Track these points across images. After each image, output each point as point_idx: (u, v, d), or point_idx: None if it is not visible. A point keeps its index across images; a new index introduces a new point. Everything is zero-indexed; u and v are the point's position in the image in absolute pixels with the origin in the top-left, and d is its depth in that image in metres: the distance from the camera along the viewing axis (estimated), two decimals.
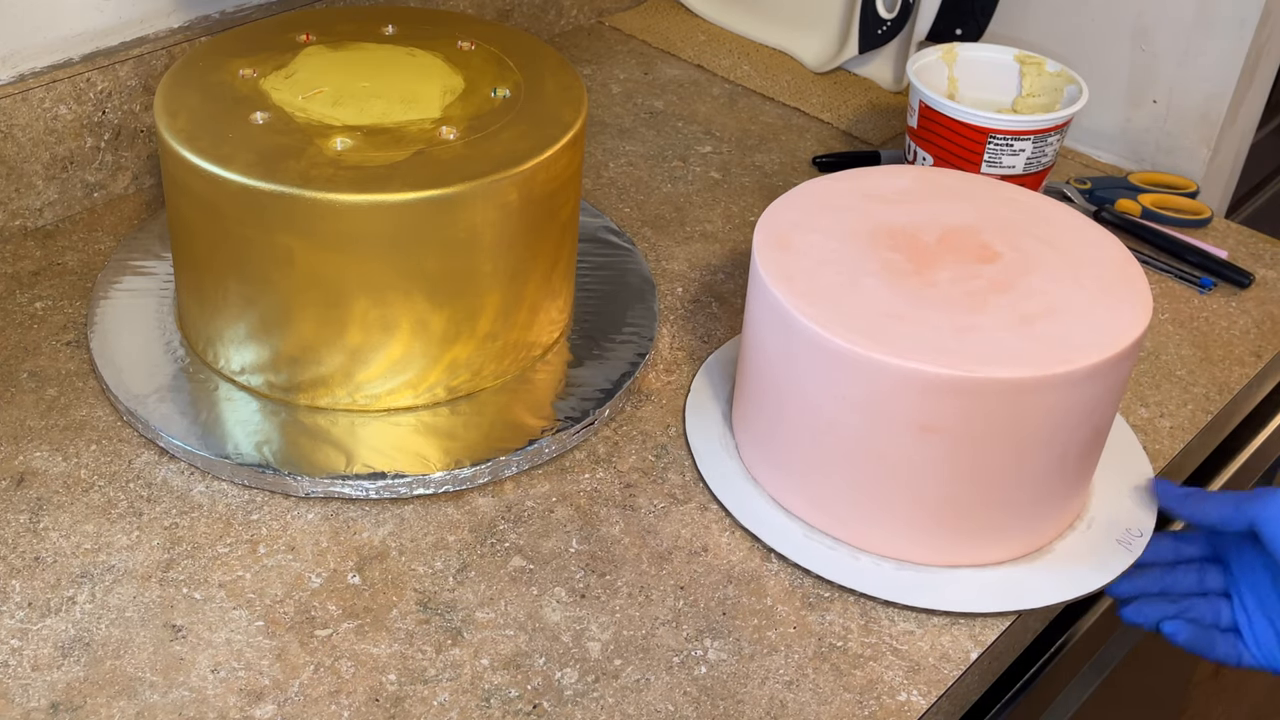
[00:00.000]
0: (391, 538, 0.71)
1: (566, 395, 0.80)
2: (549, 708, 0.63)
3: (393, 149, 0.73)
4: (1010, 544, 0.71)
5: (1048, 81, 1.01)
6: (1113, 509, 0.75)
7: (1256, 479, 1.06)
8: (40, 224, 0.93)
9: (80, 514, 0.71)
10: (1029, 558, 0.72)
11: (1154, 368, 0.88)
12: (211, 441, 0.74)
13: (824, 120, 1.15)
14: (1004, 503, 0.69)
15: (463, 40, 0.85)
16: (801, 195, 0.77)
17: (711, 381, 0.83)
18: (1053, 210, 0.77)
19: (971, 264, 0.72)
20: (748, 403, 0.75)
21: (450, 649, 0.66)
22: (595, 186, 1.03)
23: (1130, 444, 0.79)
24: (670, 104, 1.16)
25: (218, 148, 0.72)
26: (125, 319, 0.83)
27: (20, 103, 0.88)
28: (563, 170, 0.77)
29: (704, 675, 0.65)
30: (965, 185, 0.79)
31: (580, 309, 0.87)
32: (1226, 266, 0.97)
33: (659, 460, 0.78)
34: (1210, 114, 1.06)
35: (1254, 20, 1.01)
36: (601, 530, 0.73)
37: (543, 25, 1.24)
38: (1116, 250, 0.74)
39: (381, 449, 0.75)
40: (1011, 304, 0.69)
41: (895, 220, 0.75)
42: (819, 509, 0.72)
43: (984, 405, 0.65)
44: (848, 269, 0.71)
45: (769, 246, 0.72)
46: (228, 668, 0.64)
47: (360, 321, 0.74)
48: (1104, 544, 0.73)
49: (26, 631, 0.65)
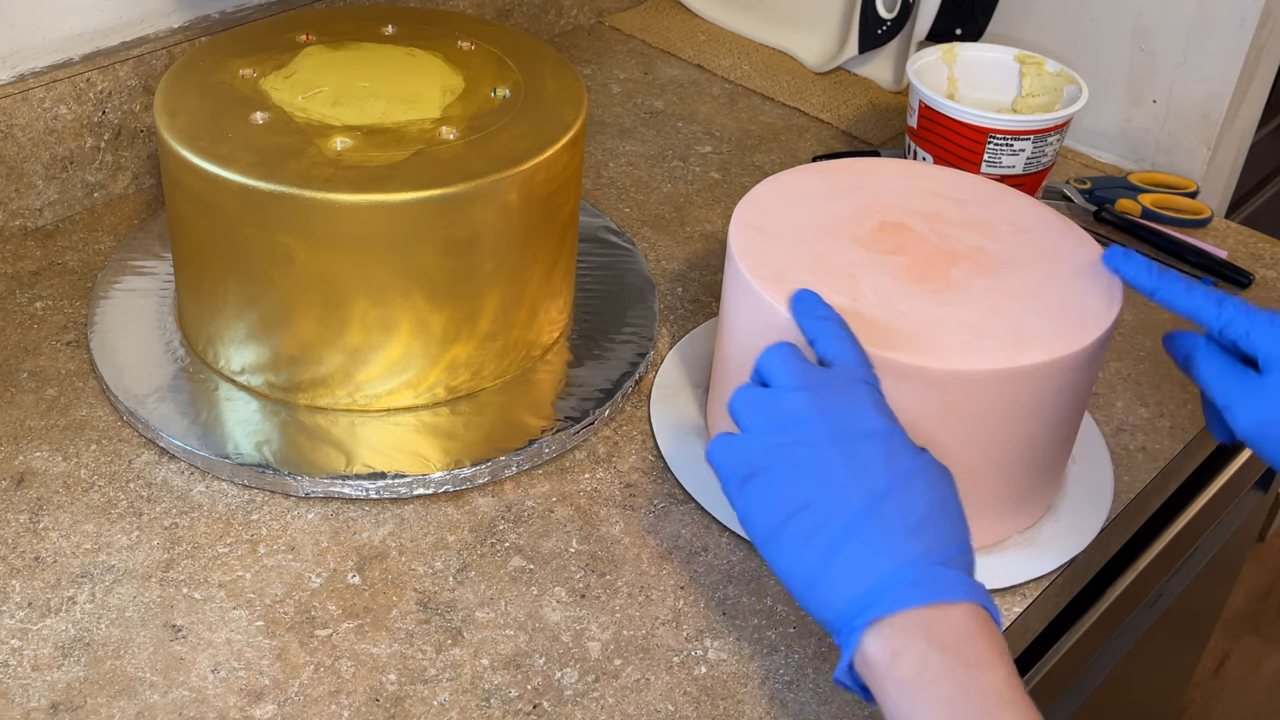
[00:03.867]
0: (391, 538, 0.71)
1: (566, 395, 0.80)
2: (549, 708, 0.63)
3: (393, 149, 0.73)
4: (990, 530, 0.72)
5: (1048, 81, 1.01)
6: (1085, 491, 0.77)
7: (1256, 479, 1.06)
8: (40, 224, 0.93)
9: (80, 514, 0.71)
10: (1013, 540, 0.73)
11: (1154, 368, 0.88)
12: (211, 441, 0.74)
13: (824, 120, 1.15)
14: (977, 494, 0.70)
15: (463, 40, 0.85)
16: (778, 183, 0.78)
17: (670, 380, 0.83)
18: (1026, 206, 0.77)
19: (948, 256, 0.72)
20: (723, 398, 0.75)
21: (450, 649, 0.66)
22: (595, 186, 1.03)
23: (1092, 433, 0.82)
24: (670, 104, 1.16)
25: (218, 148, 0.72)
26: (125, 319, 0.83)
27: (20, 103, 0.88)
28: (563, 170, 0.77)
29: (704, 675, 0.65)
30: (950, 181, 0.79)
31: (580, 309, 0.87)
32: (1226, 266, 0.97)
33: (659, 460, 0.78)
34: (1210, 114, 1.06)
35: (1254, 20, 1.01)
36: (601, 530, 0.73)
37: (543, 25, 1.24)
38: (1089, 245, 0.75)
39: (381, 449, 0.75)
40: (984, 293, 0.69)
41: (870, 210, 0.76)
42: None
43: (946, 396, 0.65)
44: (822, 257, 0.71)
45: (744, 230, 0.73)
46: (228, 668, 0.64)
47: (360, 321, 0.74)
48: (1083, 521, 0.75)
49: (26, 631, 0.65)
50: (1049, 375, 0.66)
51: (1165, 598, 1.00)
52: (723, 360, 0.75)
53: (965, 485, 0.69)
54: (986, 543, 0.72)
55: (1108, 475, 0.78)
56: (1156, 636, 1.03)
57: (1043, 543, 0.73)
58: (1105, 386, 0.86)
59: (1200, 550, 1.03)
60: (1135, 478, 0.80)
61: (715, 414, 0.77)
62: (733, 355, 0.73)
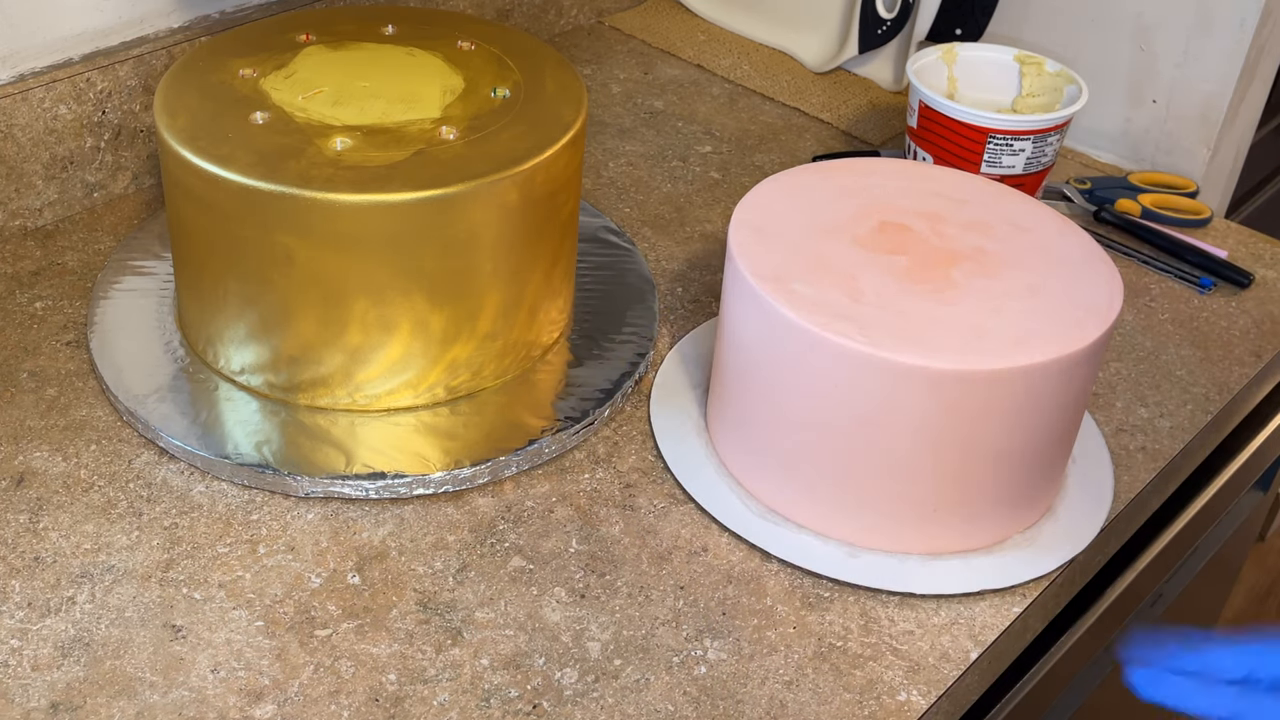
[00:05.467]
0: (391, 538, 0.71)
1: (566, 395, 0.80)
2: (549, 708, 0.63)
3: (393, 149, 0.73)
4: (990, 530, 0.72)
5: (1048, 81, 1.01)
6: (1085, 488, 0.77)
7: (1256, 479, 1.06)
8: (40, 224, 0.93)
9: (80, 514, 0.71)
10: (1013, 540, 0.73)
11: (1154, 368, 0.88)
12: (211, 441, 0.74)
13: (824, 120, 1.15)
14: (977, 494, 0.70)
15: (463, 40, 0.85)
16: (778, 183, 0.78)
17: (670, 380, 0.83)
18: (1026, 206, 0.78)
19: (948, 256, 0.72)
20: (723, 399, 0.75)
21: (450, 649, 0.66)
22: (595, 186, 1.03)
23: (1092, 433, 0.82)
24: (670, 104, 1.16)
25: (218, 148, 0.72)
26: (125, 319, 0.83)
27: (20, 103, 0.88)
28: (563, 170, 0.77)
29: (704, 675, 0.65)
30: (950, 181, 0.80)
31: (580, 309, 0.87)
32: (1226, 266, 0.97)
33: (659, 460, 0.78)
34: (1210, 114, 1.06)
35: (1254, 20, 1.01)
36: (601, 530, 0.73)
37: (543, 25, 1.24)
38: (1089, 245, 0.75)
39: (381, 449, 0.75)
40: (984, 293, 0.69)
41: (870, 210, 0.76)
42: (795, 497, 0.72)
43: (946, 396, 0.65)
44: (822, 257, 0.71)
45: (744, 230, 0.73)
46: (228, 668, 0.64)
47: (360, 321, 0.74)
48: (1082, 521, 0.75)
49: (26, 631, 0.65)
50: (1049, 375, 0.66)
51: (1165, 598, 1.00)
52: (723, 360, 0.75)
53: (965, 485, 0.69)
54: (986, 543, 0.72)
55: (1108, 475, 0.78)
56: None
57: (1043, 543, 0.73)
58: (1105, 386, 0.86)
59: (1200, 550, 1.03)
60: (1135, 478, 0.80)
61: (715, 414, 0.77)
62: (733, 355, 0.73)
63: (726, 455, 0.76)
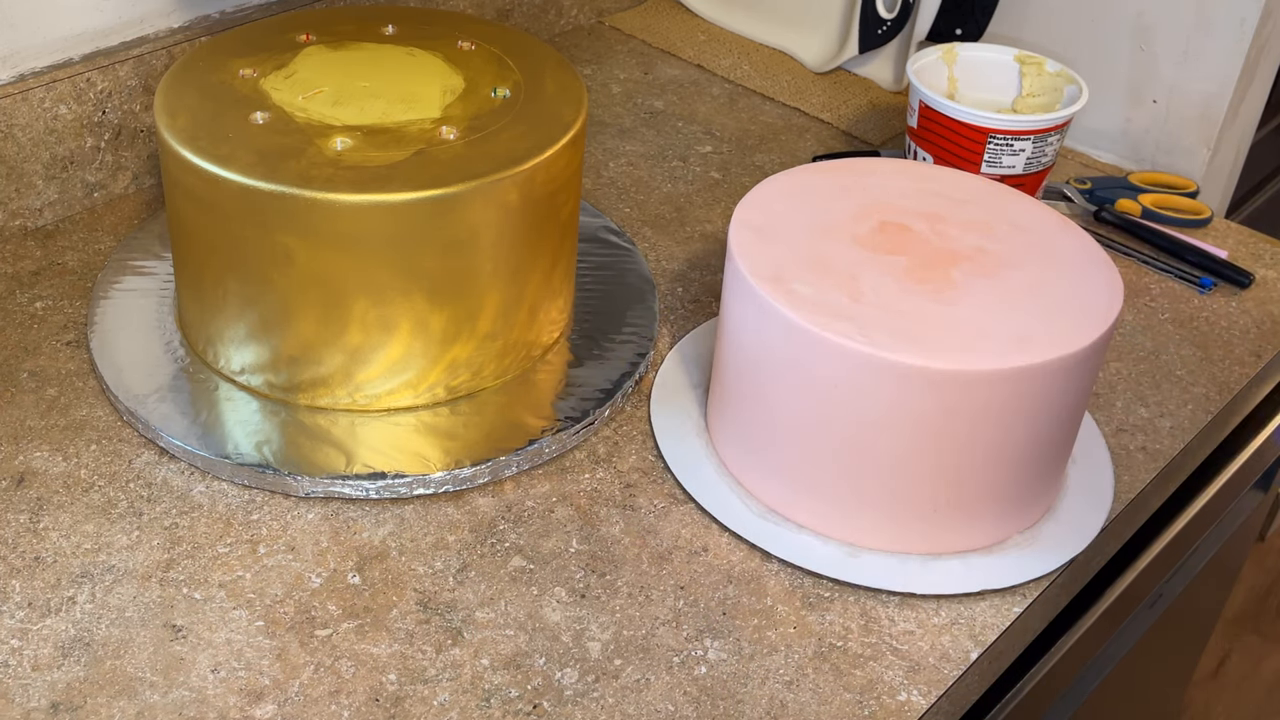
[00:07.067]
0: (391, 538, 0.71)
1: (566, 395, 0.80)
2: (549, 708, 0.63)
3: (393, 149, 0.73)
4: (990, 530, 0.72)
5: (1048, 81, 1.01)
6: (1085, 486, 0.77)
7: (1256, 479, 1.06)
8: (40, 224, 0.93)
9: (80, 514, 0.71)
10: (1013, 540, 0.73)
11: (1154, 368, 0.88)
12: (211, 441, 0.74)
13: (824, 120, 1.15)
14: (977, 494, 0.70)
15: (463, 40, 0.85)
16: (778, 183, 0.78)
17: (670, 380, 0.83)
18: (1026, 206, 0.78)
19: (948, 256, 0.72)
20: (723, 399, 0.75)
21: (450, 649, 0.66)
22: (595, 186, 1.03)
23: (1092, 433, 0.82)
24: (670, 104, 1.16)
25: (218, 148, 0.72)
26: (125, 319, 0.83)
27: (20, 103, 0.88)
28: (563, 170, 0.77)
29: (704, 675, 0.65)
30: (950, 181, 0.80)
31: (580, 309, 0.87)
32: (1226, 266, 0.97)
33: (659, 460, 0.78)
34: (1210, 114, 1.06)
35: (1254, 20, 1.01)
36: (601, 530, 0.73)
37: (543, 25, 1.24)
38: (1089, 245, 0.74)
39: (381, 449, 0.75)
40: (984, 293, 0.69)
41: (870, 210, 0.76)
42: (802, 500, 0.72)
43: (946, 396, 0.65)
44: (822, 257, 0.71)
45: (744, 230, 0.73)
46: (228, 668, 0.64)
47: (360, 321, 0.74)
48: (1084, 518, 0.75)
49: (26, 631, 0.65)
50: (1049, 375, 0.66)
51: (1165, 598, 1.00)
52: (723, 360, 0.75)
53: (965, 485, 0.69)
54: (986, 543, 0.72)
55: (1108, 475, 0.78)
56: (1156, 636, 1.03)
57: (1043, 543, 0.73)
58: (1105, 386, 0.86)
59: (1200, 550, 1.03)
60: (1135, 478, 0.80)
61: (715, 414, 0.77)
62: (733, 355, 0.73)
63: (726, 455, 0.76)
